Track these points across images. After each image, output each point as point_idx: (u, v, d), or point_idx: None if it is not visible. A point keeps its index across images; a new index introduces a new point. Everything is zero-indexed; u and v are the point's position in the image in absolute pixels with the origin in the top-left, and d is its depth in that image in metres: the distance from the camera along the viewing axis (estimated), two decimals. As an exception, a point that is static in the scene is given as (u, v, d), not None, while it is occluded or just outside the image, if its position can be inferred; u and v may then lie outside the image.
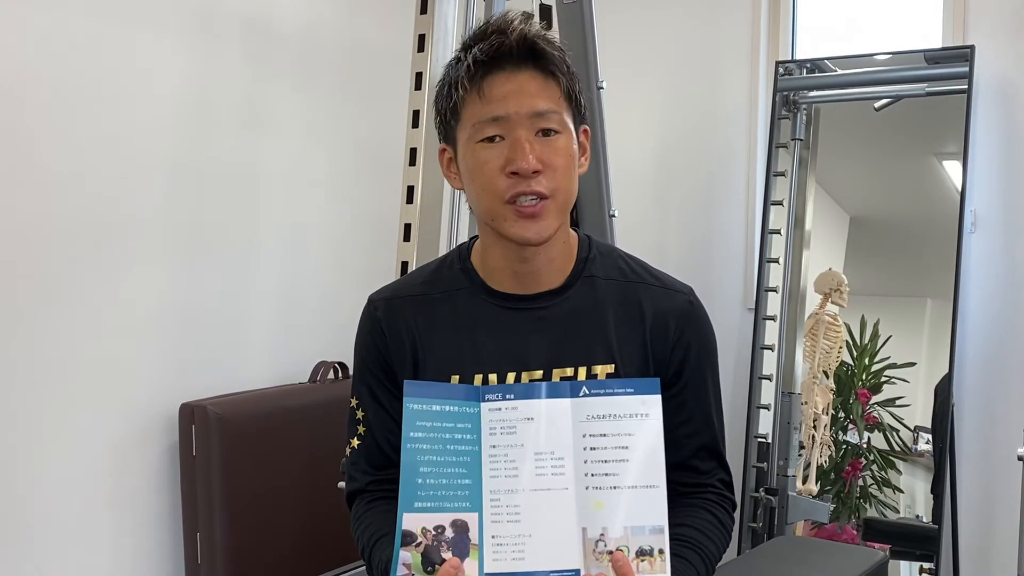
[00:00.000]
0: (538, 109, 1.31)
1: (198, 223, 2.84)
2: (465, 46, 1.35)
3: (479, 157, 1.32)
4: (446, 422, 1.24)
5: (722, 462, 1.48)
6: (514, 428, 1.24)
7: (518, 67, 1.31)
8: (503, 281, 1.42)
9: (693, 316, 1.44)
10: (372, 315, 1.48)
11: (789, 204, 3.28)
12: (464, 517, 1.21)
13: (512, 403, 1.26)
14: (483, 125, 1.31)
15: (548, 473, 1.23)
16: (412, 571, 1.18)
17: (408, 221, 2.35)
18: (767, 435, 3.24)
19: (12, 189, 2.41)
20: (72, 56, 2.51)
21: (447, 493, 1.21)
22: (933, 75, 3.05)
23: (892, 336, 3.09)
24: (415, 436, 1.23)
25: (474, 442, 1.24)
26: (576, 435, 1.24)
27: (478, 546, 1.20)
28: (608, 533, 1.20)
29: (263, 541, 2.77)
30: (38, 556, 2.49)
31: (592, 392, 1.26)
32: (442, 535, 1.20)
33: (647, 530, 1.20)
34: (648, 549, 1.19)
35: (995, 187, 2.97)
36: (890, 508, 3.03)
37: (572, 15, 2.66)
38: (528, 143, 1.30)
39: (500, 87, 1.30)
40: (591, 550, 1.20)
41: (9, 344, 2.42)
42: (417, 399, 1.24)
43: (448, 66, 1.37)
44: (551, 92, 1.32)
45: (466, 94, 1.32)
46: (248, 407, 2.80)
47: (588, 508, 1.21)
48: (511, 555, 1.20)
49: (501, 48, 1.30)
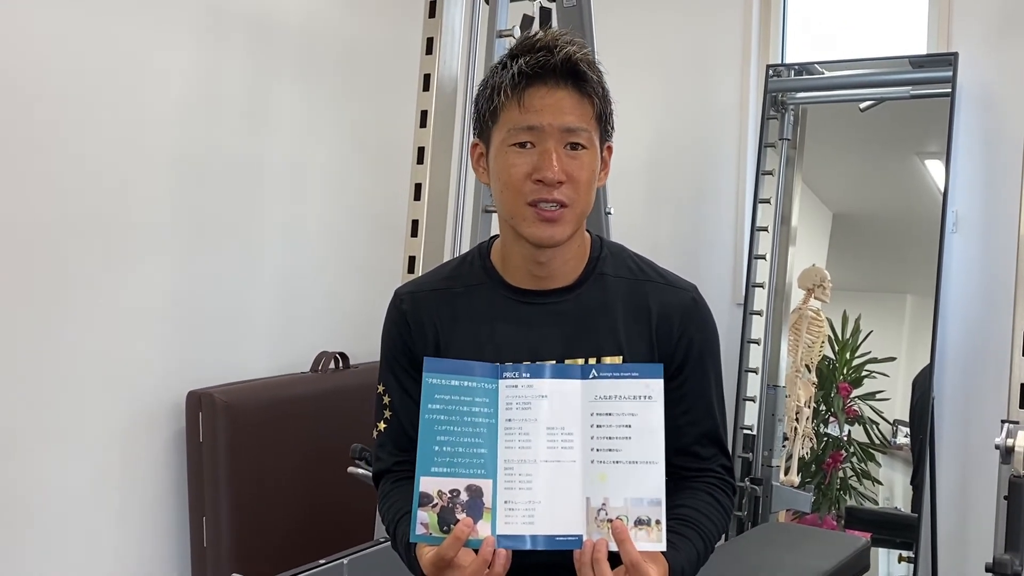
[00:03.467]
0: (569, 125, 1.40)
1: (204, 217, 2.90)
2: (513, 54, 1.43)
3: (509, 160, 1.41)
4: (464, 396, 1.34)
5: (723, 449, 1.56)
6: (529, 404, 1.34)
7: (558, 84, 1.40)
8: (520, 277, 1.51)
9: (696, 312, 1.53)
10: (398, 307, 1.56)
11: (776, 202, 3.34)
12: (479, 483, 1.30)
13: (528, 381, 1.35)
14: (518, 131, 1.40)
15: (559, 446, 1.32)
16: (430, 530, 1.28)
17: (415, 217, 2.42)
18: (752, 427, 3.31)
19: (24, 183, 2.46)
20: (78, 53, 2.56)
21: (463, 460, 1.31)
22: (917, 79, 3.13)
23: (873, 331, 3.15)
24: (433, 408, 1.32)
25: (491, 415, 1.33)
26: (585, 413, 1.33)
27: (491, 510, 1.29)
28: (609, 503, 1.29)
29: (267, 524, 2.84)
30: (48, 536, 2.55)
31: (601, 375, 1.35)
32: (457, 498, 1.29)
33: (645, 502, 1.29)
34: (646, 519, 1.29)
35: (976, 189, 3.05)
36: (869, 499, 3.10)
37: (571, 18, 2.75)
38: (556, 154, 1.39)
39: (539, 100, 1.39)
40: (593, 518, 1.29)
41: (22, 334, 2.48)
42: (436, 374, 1.33)
43: (493, 69, 1.46)
44: (584, 111, 1.41)
45: (507, 100, 1.40)
46: (253, 395, 2.87)
47: (593, 479, 1.31)
48: (522, 519, 1.29)
49: (546, 65, 1.39)
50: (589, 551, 1.28)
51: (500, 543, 1.28)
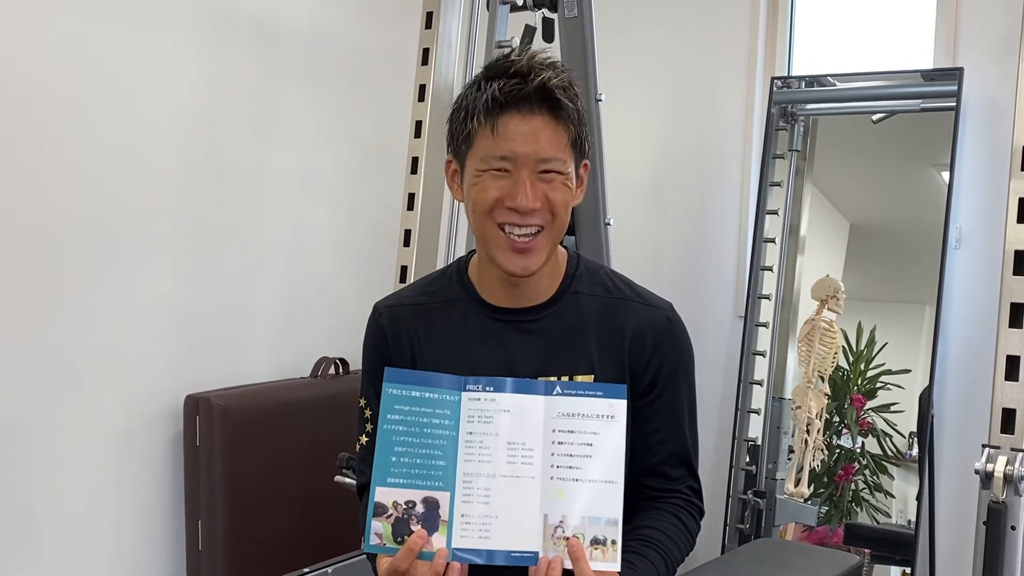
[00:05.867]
0: (544, 156, 1.40)
1: (205, 222, 2.92)
2: (487, 75, 1.42)
3: (483, 184, 1.41)
4: (424, 407, 1.34)
5: (692, 471, 1.56)
6: (491, 418, 1.34)
7: (532, 111, 1.39)
8: (496, 294, 1.52)
9: (670, 331, 1.53)
10: (377, 321, 1.58)
11: (785, 212, 3.32)
12: (436, 495, 1.31)
13: (491, 395, 1.35)
14: (491, 159, 1.40)
15: (518, 461, 1.33)
16: (383, 540, 1.28)
17: (408, 227, 2.44)
18: (756, 439, 3.28)
19: (26, 187, 2.49)
20: (84, 58, 2.58)
21: (420, 472, 1.31)
22: (926, 92, 3.10)
23: (888, 343, 3.12)
24: (391, 418, 1.33)
25: (452, 427, 1.34)
26: (546, 429, 1.34)
27: (448, 523, 1.30)
28: (567, 520, 1.30)
29: (262, 529, 2.85)
30: (45, 538, 2.58)
31: (564, 392, 1.36)
32: (412, 509, 1.30)
33: (602, 521, 1.29)
34: (602, 539, 1.29)
35: (980, 205, 3.01)
36: (882, 512, 3.06)
37: (573, 29, 2.74)
38: (530, 182, 1.39)
39: (513, 128, 1.39)
40: (551, 535, 1.29)
41: (22, 336, 2.50)
42: (396, 384, 1.34)
43: (466, 89, 1.45)
44: (559, 139, 1.41)
45: (480, 127, 1.40)
46: (250, 400, 2.88)
47: (551, 496, 1.31)
48: (478, 534, 1.30)
49: (520, 93, 1.38)
50: (544, 568, 1.28)
51: (455, 556, 1.29)
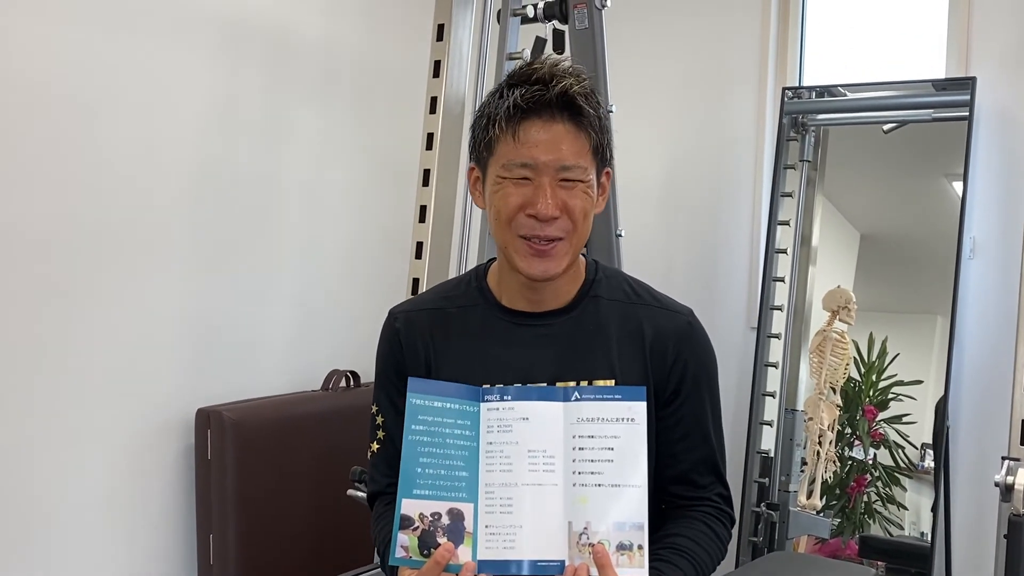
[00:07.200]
0: (565, 163, 1.40)
1: (217, 235, 2.92)
2: (510, 83, 1.42)
3: (504, 192, 1.42)
4: (447, 418, 1.33)
5: (720, 477, 1.55)
6: (510, 427, 1.33)
7: (554, 118, 1.39)
8: (515, 300, 1.51)
9: (692, 336, 1.52)
10: (392, 326, 1.57)
11: (796, 223, 3.31)
12: (460, 507, 1.30)
13: (509, 404, 1.35)
14: (513, 166, 1.40)
15: (540, 469, 1.32)
16: (410, 553, 1.27)
17: (420, 239, 2.43)
18: (769, 451, 3.27)
19: (39, 199, 2.49)
20: (98, 70, 2.59)
21: (445, 483, 1.30)
22: (938, 102, 3.10)
23: (900, 354, 3.10)
24: (416, 429, 1.32)
25: (472, 438, 1.33)
26: (566, 435, 1.33)
27: (472, 534, 1.29)
28: (591, 527, 1.28)
29: (274, 543, 2.84)
30: (56, 551, 2.56)
31: (583, 397, 1.35)
32: (438, 521, 1.29)
33: (628, 526, 1.28)
34: (628, 544, 1.27)
35: (994, 214, 3.00)
36: (895, 524, 3.04)
37: (584, 40, 2.73)
38: (551, 189, 1.39)
39: (534, 134, 1.39)
40: (575, 542, 1.28)
41: (35, 348, 2.50)
42: (420, 395, 1.34)
43: (490, 96, 1.45)
44: (580, 147, 1.41)
45: (502, 134, 1.40)
46: (262, 413, 2.87)
47: (574, 503, 1.30)
48: (503, 544, 1.29)
49: (541, 99, 1.39)
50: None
51: (481, 568, 1.28)
